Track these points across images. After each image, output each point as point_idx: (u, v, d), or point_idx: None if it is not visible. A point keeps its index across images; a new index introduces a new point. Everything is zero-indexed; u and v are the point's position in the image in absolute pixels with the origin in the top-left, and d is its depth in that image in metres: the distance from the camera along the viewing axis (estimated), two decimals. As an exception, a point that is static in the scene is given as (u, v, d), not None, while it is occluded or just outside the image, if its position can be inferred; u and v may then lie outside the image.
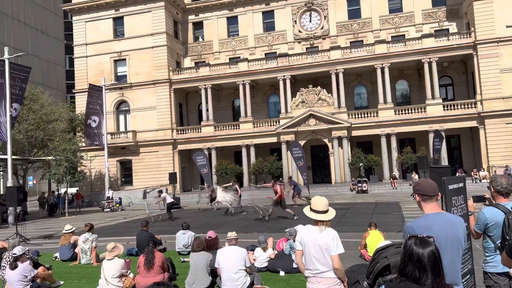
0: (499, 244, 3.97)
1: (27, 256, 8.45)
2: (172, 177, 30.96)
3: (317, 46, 40.04)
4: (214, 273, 7.63)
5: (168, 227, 16.64)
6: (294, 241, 8.82)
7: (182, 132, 39.33)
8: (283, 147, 35.83)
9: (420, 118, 33.96)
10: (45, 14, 68.12)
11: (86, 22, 41.01)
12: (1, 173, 32.38)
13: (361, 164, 32.95)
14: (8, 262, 8.32)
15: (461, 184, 4.25)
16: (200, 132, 38.74)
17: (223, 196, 20.52)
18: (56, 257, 11.74)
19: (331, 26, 40.08)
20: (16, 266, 7.88)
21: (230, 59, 41.56)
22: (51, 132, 32.56)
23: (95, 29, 40.77)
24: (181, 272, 8.68)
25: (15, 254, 8.10)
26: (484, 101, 32.85)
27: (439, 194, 3.43)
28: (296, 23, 40.83)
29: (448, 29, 37.52)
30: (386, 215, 16.87)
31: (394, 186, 30.67)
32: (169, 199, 20.47)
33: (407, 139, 36.36)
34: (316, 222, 4.21)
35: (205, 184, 26.71)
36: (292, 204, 21.09)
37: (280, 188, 16.66)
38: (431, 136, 32.48)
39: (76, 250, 11.27)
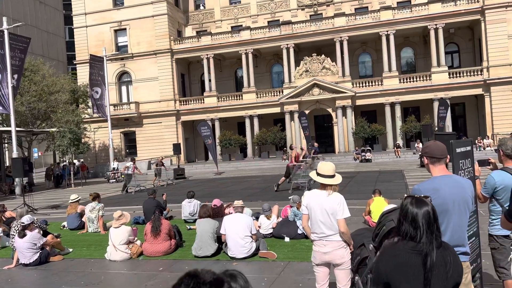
0: (506, 207, 3.96)
1: (35, 225, 8.58)
2: (176, 147, 31.03)
3: (321, 14, 39.16)
4: (220, 240, 7.74)
5: (173, 197, 16.80)
6: (297, 208, 8.92)
7: (185, 103, 39.13)
8: (287, 117, 35.66)
9: (425, 86, 33.57)
10: (43, -17, 66.57)
11: (84, -10, 40.10)
12: (6, 145, 32.55)
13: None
14: (17, 231, 8.47)
15: (468, 148, 4.20)
16: (203, 103, 38.52)
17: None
18: (64, 226, 11.92)
19: (335, -8, 39.04)
20: (24, 235, 8.02)
21: (232, 27, 40.81)
22: (54, 104, 32.50)
23: (94, -2, 39.91)
24: (188, 239, 8.80)
25: (23, 223, 8.23)
26: (490, 68, 32.33)
27: (448, 157, 3.37)
28: (299, -11, 39.78)
29: (455, -6, 36.46)
30: (390, 183, 16.94)
31: (398, 155, 30.67)
32: (130, 171, 21.83)
33: (411, 107, 36.07)
34: (323, 187, 4.20)
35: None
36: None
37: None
38: (436, 104, 32.19)
39: (83, 219, 11.44)
